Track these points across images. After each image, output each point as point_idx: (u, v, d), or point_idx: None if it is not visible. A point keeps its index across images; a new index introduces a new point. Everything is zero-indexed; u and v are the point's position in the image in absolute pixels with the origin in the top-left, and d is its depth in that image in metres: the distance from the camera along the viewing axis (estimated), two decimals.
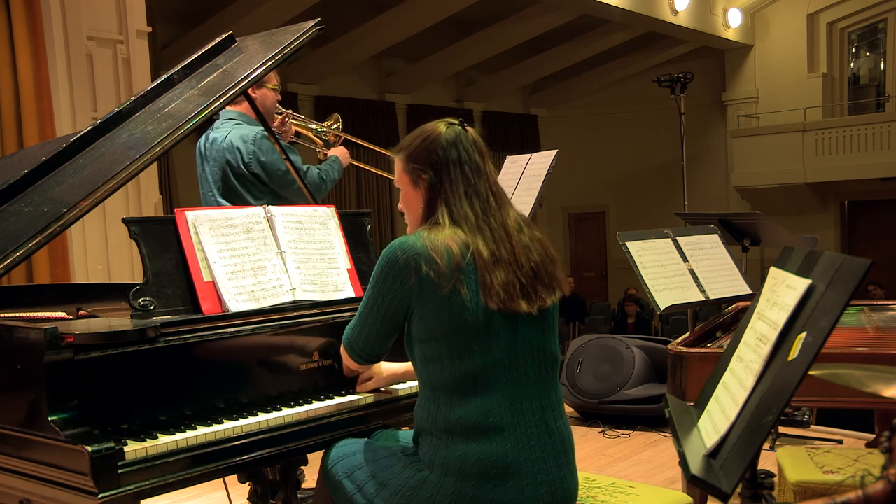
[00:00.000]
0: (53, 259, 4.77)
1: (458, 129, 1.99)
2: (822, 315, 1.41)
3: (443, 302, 1.84)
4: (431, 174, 1.95)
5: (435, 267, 1.83)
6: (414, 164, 1.98)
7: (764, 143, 14.07)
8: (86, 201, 2.12)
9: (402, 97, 13.41)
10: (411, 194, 2.01)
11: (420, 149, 1.98)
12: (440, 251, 1.84)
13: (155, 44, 9.07)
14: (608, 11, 11.56)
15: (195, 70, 2.65)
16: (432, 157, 1.95)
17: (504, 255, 1.88)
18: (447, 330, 1.85)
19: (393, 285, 1.89)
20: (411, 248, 1.87)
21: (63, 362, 1.80)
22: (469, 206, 1.92)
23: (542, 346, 1.93)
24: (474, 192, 1.94)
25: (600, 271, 16.34)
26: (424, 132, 2.00)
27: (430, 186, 1.96)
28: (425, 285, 1.85)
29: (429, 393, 1.92)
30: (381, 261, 1.92)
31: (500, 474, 1.82)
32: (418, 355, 1.93)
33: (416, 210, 2.00)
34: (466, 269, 1.85)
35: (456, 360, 1.86)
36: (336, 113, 3.97)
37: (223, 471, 1.98)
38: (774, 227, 4.12)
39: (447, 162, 1.94)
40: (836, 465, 2.56)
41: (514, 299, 1.86)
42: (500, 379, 1.86)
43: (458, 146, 1.96)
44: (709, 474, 1.45)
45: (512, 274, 1.87)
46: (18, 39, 4.82)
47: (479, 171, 1.96)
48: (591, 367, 5.09)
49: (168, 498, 2.25)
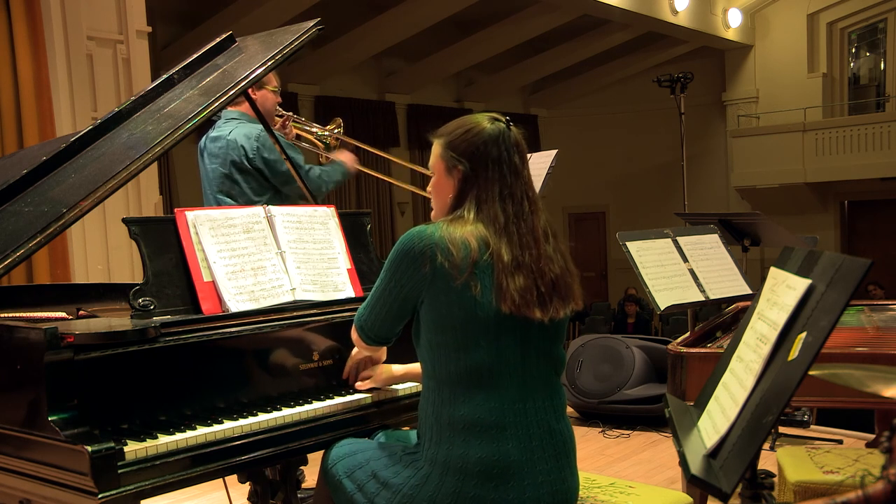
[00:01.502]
0: (53, 259, 4.77)
1: (503, 127, 1.95)
2: (822, 315, 1.41)
3: (454, 294, 1.83)
4: (468, 166, 1.92)
5: (450, 258, 1.83)
6: (452, 153, 1.94)
7: (764, 143, 14.07)
8: (86, 201, 2.12)
9: (402, 97, 13.40)
10: (443, 181, 1.98)
11: (461, 139, 1.94)
12: (457, 243, 1.84)
13: (155, 44, 9.06)
14: (608, 11, 11.56)
15: (195, 70, 2.65)
16: (472, 150, 1.92)
17: (527, 262, 1.87)
18: (456, 322, 1.85)
19: (407, 271, 1.88)
20: (429, 237, 1.86)
21: (63, 362, 1.80)
22: (500, 208, 1.90)
23: (551, 351, 1.94)
24: (509, 193, 1.91)
25: (600, 271, 16.34)
26: (468, 123, 1.97)
27: (463, 178, 1.93)
28: (439, 275, 1.84)
29: (433, 385, 1.91)
30: (398, 246, 1.91)
31: (501, 474, 1.82)
32: (425, 344, 1.92)
33: (445, 198, 1.98)
34: (482, 267, 1.84)
35: (462, 353, 1.85)
36: (338, 117, 3.97)
37: (223, 471, 1.98)
38: (774, 227, 4.12)
39: (486, 158, 1.92)
40: (836, 465, 2.56)
41: (530, 306, 1.85)
42: (506, 378, 1.86)
43: (499, 144, 1.93)
44: (709, 474, 1.45)
45: (532, 281, 1.86)
46: (18, 39, 4.81)
47: (518, 173, 1.93)
48: (591, 367, 5.08)
49: (168, 498, 2.25)
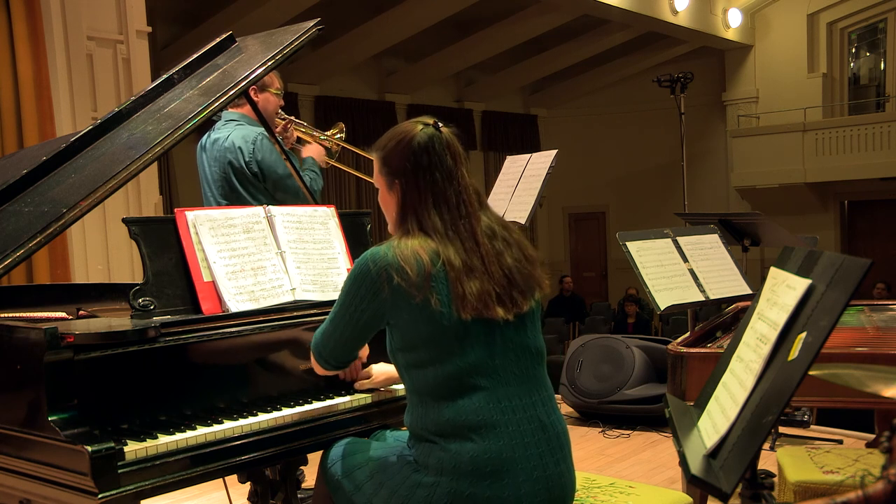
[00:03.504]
0: (53, 259, 4.77)
1: (432, 132, 1.96)
2: (822, 315, 1.41)
3: (416, 311, 1.84)
4: (402, 181, 1.94)
5: (406, 277, 1.83)
6: (387, 169, 1.97)
7: (764, 143, 14.06)
8: (86, 201, 2.12)
9: (402, 97, 13.40)
10: (386, 197, 2.01)
11: (392, 153, 1.96)
12: (410, 261, 1.84)
13: (155, 44, 9.06)
14: (608, 11, 11.55)
15: (195, 70, 2.65)
16: (403, 164, 1.94)
17: (476, 264, 1.87)
18: (425, 337, 1.85)
19: (366, 296, 1.89)
20: (382, 259, 1.86)
21: (63, 362, 1.80)
22: (437, 216, 1.90)
23: (525, 342, 1.93)
24: (443, 199, 1.92)
25: (600, 271, 16.33)
26: (398, 134, 1.98)
27: (402, 192, 1.95)
28: (398, 295, 1.85)
29: (416, 399, 1.93)
30: (354, 271, 1.92)
31: (494, 471, 1.82)
32: (401, 363, 1.94)
33: (392, 213, 2.01)
34: (437, 277, 1.84)
35: (438, 365, 1.86)
36: (341, 122, 3.98)
37: (223, 471, 1.98)
38: (774, 227, 4.12)
39: (417, 169, 1.93)
40: (836, 465, 2.56)
41: (490, 307, 1.86)
42: (484, 379, 1.86)
43: (429, 151, 1.93)
44: (709, 474, 1.45)
45: (487, 283, 1.86)
46: (18, 39, 4.81)
47: (451, 176, 1.94)
48: (591, 367, 5.08)
49: (168, 498, 2.25)
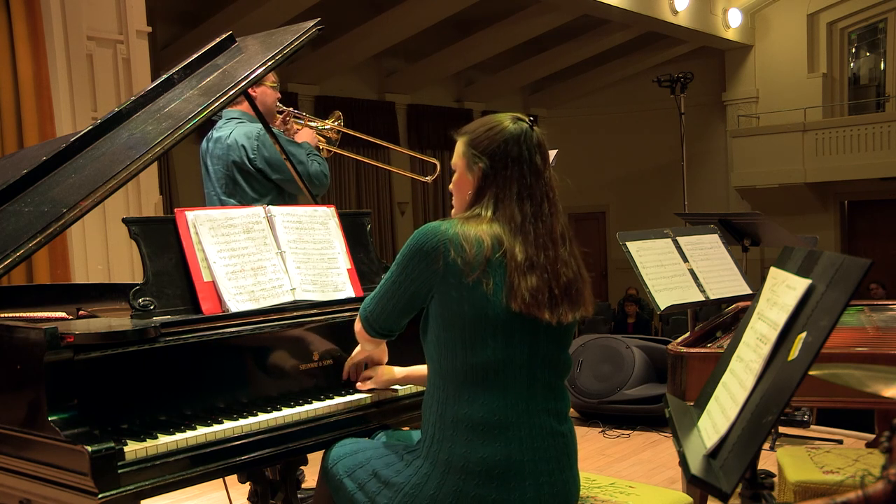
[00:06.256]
0: (53, 259, 4.77)
1: (525, 127, 1.95)
2: (822, 315, 1.41)
3: (465, 290, 1.83)
4: (487, 164, 1.92)
5: (463, 254, 1.83)
6: (473, 150, 1.95)
7: (764, 143, 14.07)
8: (86, 201, 2.12)
9: (402, 97, 13.40)
10: (464, 178, 1.98)
11: (483, 137, 1.95)
12: (471, 241, 1.84)
13: (155, 44, 9.06)
14: (608, 11, 11.55)
15: (195, 70, 2.64)
16: (492, 148, 1.93)
17: (542, 262, 1.87)
18: (466, 318, 1.84)
19: (419, 266, 1.88)
20: (443, 233, 1.86)
21: (63, 362, 1.80)
22: (518, 207, 1.90)
23: (557, 352, 1.93)
24: (528, 193, 1.91)
25: (600, 271, 16.32)
26: (491, 122, 1.98)
27: (483, 175, 1.93)
28: (451, 271, 1.84)
29: (439, 382, 1.90)
30: (411, 240, 1.91)
31: (503, 474, 1.82)
32: (432, 340, 1.91)
33: (464, 195, 1.99)
34: (494, 265, 1.84)
35: (469, 351, 1.85)
36: (337, 110, 3.98)
37: (223, 471, 1.98)
38: (774, 227, 4.12)
39: (506, 157, 1.92)
40: (836, 465, 2.56)
41: (540, 307, 1.85)
42: (511, 378, 1.86)
43: (521, 144, 1.93)
44: (709, 474, 1.45)
45: (545, 282, 1.86)
46: (18, 39, 4.81)
47: (538, 173, 1.93)
48: (591, 367, 5.08)
49: (168, 498, 2.25)
